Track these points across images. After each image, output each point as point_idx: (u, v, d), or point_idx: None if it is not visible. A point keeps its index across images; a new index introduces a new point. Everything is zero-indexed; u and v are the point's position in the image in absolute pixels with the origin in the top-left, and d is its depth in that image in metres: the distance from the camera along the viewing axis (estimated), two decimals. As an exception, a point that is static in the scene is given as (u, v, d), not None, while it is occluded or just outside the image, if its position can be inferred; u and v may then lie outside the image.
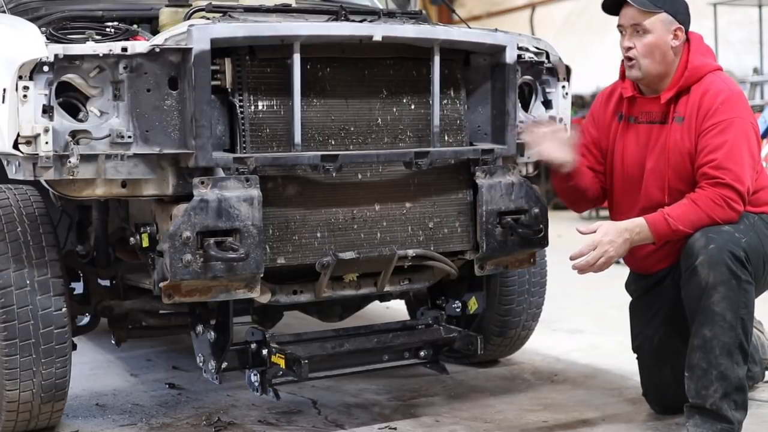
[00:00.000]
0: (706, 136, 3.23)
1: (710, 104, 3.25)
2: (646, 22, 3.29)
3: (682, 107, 3.31)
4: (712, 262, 3.07)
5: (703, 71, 3.33)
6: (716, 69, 3.37)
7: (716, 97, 3.25)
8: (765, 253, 3.22)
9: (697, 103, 3.28)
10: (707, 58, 3.39)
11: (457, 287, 3.82)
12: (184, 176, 3.12)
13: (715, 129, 3.22)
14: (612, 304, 3.79)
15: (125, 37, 3.15)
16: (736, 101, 3.27)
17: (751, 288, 3.12)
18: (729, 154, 3.18)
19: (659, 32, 3.30)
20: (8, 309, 3.18)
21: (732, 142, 3.19)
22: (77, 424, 3.64)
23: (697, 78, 3.31)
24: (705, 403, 3.13)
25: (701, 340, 3.12)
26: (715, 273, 3.06)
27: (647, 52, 3.30)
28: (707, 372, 3.12)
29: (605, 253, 3.19)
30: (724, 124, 3.21)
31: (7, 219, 3.27)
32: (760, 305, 3.35)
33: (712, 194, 3.17)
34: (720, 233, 3.12)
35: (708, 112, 3.24)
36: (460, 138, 3.54)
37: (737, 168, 3.17)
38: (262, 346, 3.39)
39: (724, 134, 3.20)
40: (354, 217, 3.37)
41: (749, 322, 3.14)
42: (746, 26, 11.22)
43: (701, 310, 3.11)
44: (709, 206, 3.16)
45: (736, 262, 3.07)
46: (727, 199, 3.16)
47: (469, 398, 3.90)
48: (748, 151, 3.21)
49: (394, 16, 3.66)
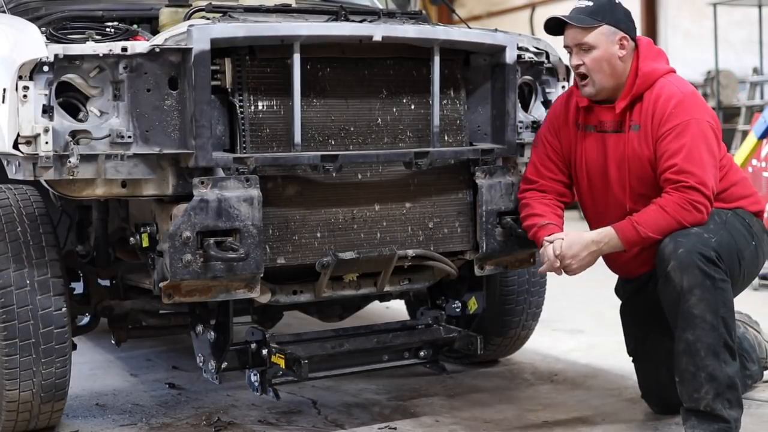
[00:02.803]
0: (664, 142, 3.23)
1: (663, 110, 3.24)
2: (588, 39, 3.29)
3: (636, 115, 3.31)
4: (683, 266, 3.07)
5: (654, 77, 3.31)
6: (667, 72, 3.35)
7: (669, 101, 3.25)
8: (739, 249, 3.22)
9: (651, 110, 3.27)
10: (658, 62, 3.37)
11: (457, 287, 3.82)
12: (184, 176, 3.12)
13: (671, 134, 3.21)
14: (612, 304, 3.79)
15: (125, 37, 3.15)
16: (690, 103, 3.26)
17: (727, 286, 3.12)
18: (689, 156, 3.18)
19: (604, 45, 3.29)
20: (8, 309, 3.18)
21: (690, 145, 3.19)
22: (77, 424, 3.64)
23: (649, 84, 3.30)
24: (699, 406, 3.12)
25: (685, 344, 3.12)
26: (688, 276, 3.07)
27: (597, 67, 3.30)
28: (696, 375, 3.11)
29: (568, 266, 3.26)
30: (680, 127, 3.21)
31: (7, 219, 3.27)
32: (759, 306, 3.35)
33: (678, 198, 3.17)
34: (688, 236, 3.12)
35: (662, 117, 3.24)
36: (460, 138, 3.54)
37: (698, 170, 3.17)
38: (262, 346, 3.39)
39: (681, 138, 3.20)
40: (354, 217, 3.37)
41: (731, 320, 3.13)
42: (746, 26, 11.22)
43: (681, 315, 3.11)
44: (676, 211, 3.16)
45: (708, 262, 3.07)
46: (693, 202, 3.16)
47: (469, 398, 3.90)
48: (707, 150, 3.21)
49: (394, 16, 3.65)
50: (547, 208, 3.44)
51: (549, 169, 3.50)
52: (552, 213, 3.42)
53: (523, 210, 3.48)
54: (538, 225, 3.38)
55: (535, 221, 3.40)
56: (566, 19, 3.31)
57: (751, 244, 3.29)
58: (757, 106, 9.55)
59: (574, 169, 3.50)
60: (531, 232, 3.41)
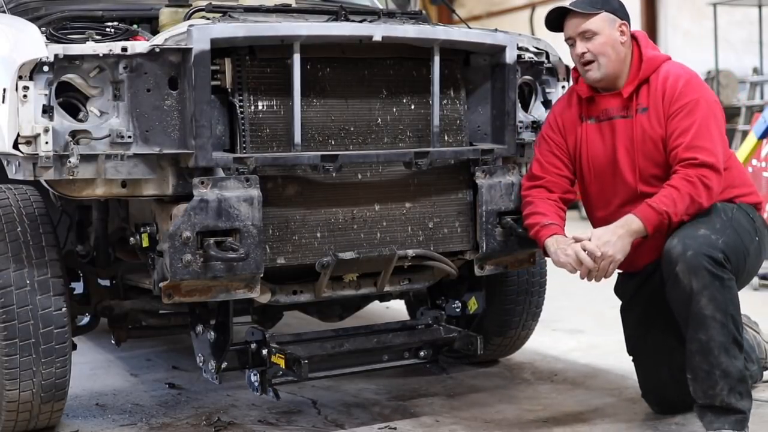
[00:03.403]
0: (675, 119, 3.29)
1: (674, 88, 3.32)
2: (591, 26, 3.36)
3: (644, 98, 3.37)
4: (692, 269, 3.10)
5: (658, 61, 3.41)
6: (668, 59, 3.45)
7: (678, 81, 3.33)
8: (745, 247, 3.26)
9: (661, 90, 3.34)
10: (656, 51, 3.47)
11: (457, 287, 3.82)
12: (184, 176, 3.12)
13: (682, 111, 3.29)
14: (612, 304, 3.78)
15: (125, 37, 3.15)
16: (698, 83, 3.37)
17: (733, 284, 3.16)
18: (699, 133, 3.25)
19: (607, 31, 3.37)
20: (8, 309, 3.18)
21: (700, 122, 3.26)
22: (77, 424, 3.64)
23: (654, 68, 3.39)
24: (714, 402, 3.16)
25: (698, 344, 3.15)
26: (697, 279, 3.10)
27: (602, 51, 3.36)
28: (710, 373, 3.14)
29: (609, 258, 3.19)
30: (691, 105, 3.28)
31: (7, 219, 3.27)
32: (759, 306, 3.35)
33: (685, 174, 3.21)
34: (696, 238, 3.14)
35: (673, 95, 3.31)
36: (459, 138, 3.54)
37: (709, 144, 3.24)
38: (262, 346, 3.39)
39: (692, 115, 3.27)
40: (354, 217, 3.37)
41: (738, 316, 3.18)
42: (746, 26, 11.22)
43: (692, 316, 3.14)
44: (687, 188, 3.20)
45: (716, 264, 3.10)
46: (701, 177, 3.20)
47: (469, 398, 3.90)
48: (717, 128, 3.30)
49: (394, 16, 3.66)
50: (550, 208, 3.44)
51: (554, 165, 3.51)
52: (555, 214, 3.43)
53: (525, 208, 3.48)
54: (540, 224, 3.38)
55: (537, 220, 3.40)
56: (570, 7, 3.37)
57: (755, 239, 3.33)
58: (757, 106, 9.55)
59: (579, 163, 3.51)
60: (533, 230, 3.41)
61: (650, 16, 12.49)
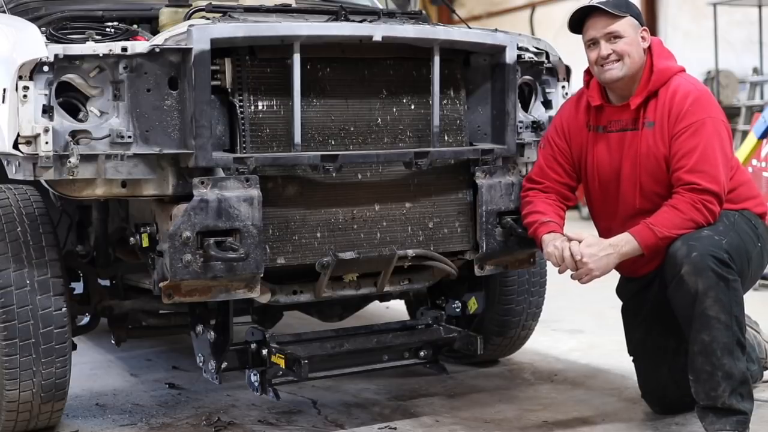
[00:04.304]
0: (679, 140, 3.25)
1: (680, 107, 3.27)
2: (619, 28, 3.33)
3: (651, 112, 3.33)
4: (698, 270, 3.09)
5: (669, 74, 3.35)
6: (680, 71, 3.39)
7: (686, 98, 3.28)
8: (747, 251, 3.25)
9: (667, 106, 3.30)
10: (670, 61, 3.42)
11: (457, 287, 3.82)
12: (184, 176, 3.12)
13: (687, 132, 3.24)
14: (612, 304, 3.79)
15: (125, 37, 3.15)
16: (706, 101, 3.30)
17: (738, 285, 3.16)
18: (703, 156, 3.21)
19: (632, 35, 3.34)
20: (8, 309, 3.18)
21: (705, 144, 3.22)
22: (77, 424, 3.64)
23: (664, 81, 3.34)
24: (716, 403, 3.15)
25: (701, 345, 3.14)
26: (703, 280, 3.09)
27: (629, 51, 3.32)
28: (713, 375, 3.14)
29: (584, 266, 3.22)
30: (696, 125, 3.24)
31: (7, 219, 3.27)
32: (758, 306, 3.35)
33: (689, 199, 3.19)
34: (700, 239, 3.14)
35: (679, 114, 3.27)
36: (459, 138, 3.54)
37: (712, 170, 3.20)
38: (262, 346, 3.39)
39: (697, 136, 3.23)
40: (354, 217, 3.37)
41: (742, 317, 3.18)
42: (746, 26, 11.23)
43: (696, 317, 3.13)
44: (689, 210, 3.18)
45: (721, 264, 3.09)
46: (705, 202, 3.19)
47: (469, 398, 3.90)
48: (720, 150, 3.24)
49: (394, 16, 3.66)
50: (549, 207, 3.44)
51: (555, 172, 3.51)
52: (554, 212, 3.43)
53: (524, 207, 3.48)
54: (539, 222, 3.38)
55: (536, 218, 3.40)
56: (603, 6, 3.32)
57: (757, 245, 3.32)
58: (757, 106, 9.54)
59: (584, 171, 3.51)
60: (531, 228, 3.41)
61: (650, 16, 12.49)
